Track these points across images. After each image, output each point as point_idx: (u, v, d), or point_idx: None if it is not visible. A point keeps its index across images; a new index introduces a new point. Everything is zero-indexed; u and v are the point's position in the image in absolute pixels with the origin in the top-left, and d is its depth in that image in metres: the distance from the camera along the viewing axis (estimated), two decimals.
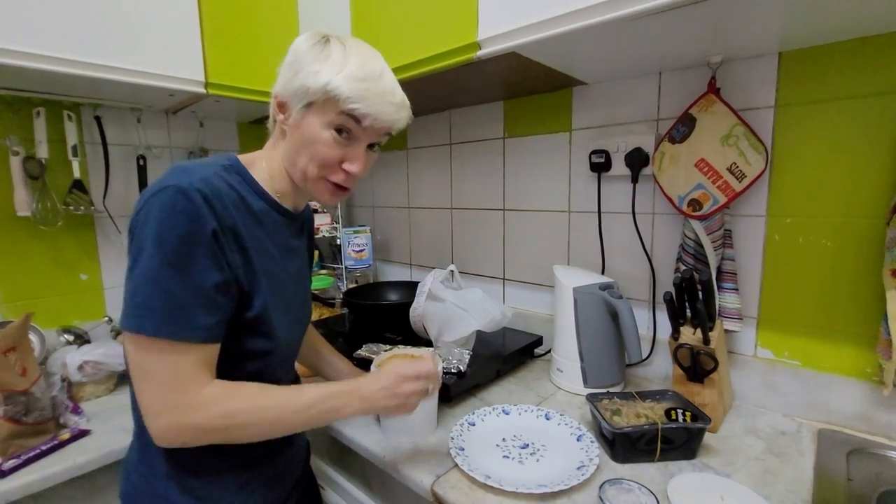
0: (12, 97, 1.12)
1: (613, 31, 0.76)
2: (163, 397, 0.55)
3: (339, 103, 0.61)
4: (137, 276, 0.54)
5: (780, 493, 0.68)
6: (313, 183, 0.67)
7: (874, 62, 0.77)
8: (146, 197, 0.56)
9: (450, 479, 0.72)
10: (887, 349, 0.74)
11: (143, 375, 0.56)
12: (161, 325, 0.54)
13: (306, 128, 0.64)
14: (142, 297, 0.54)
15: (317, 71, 0.61)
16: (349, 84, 0.61)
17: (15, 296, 1.18)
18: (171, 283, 0.54)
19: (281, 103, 0.67)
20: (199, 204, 0.56)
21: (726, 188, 0.87)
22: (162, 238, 0.54)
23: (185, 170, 0.58)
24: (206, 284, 0.56)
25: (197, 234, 0.55)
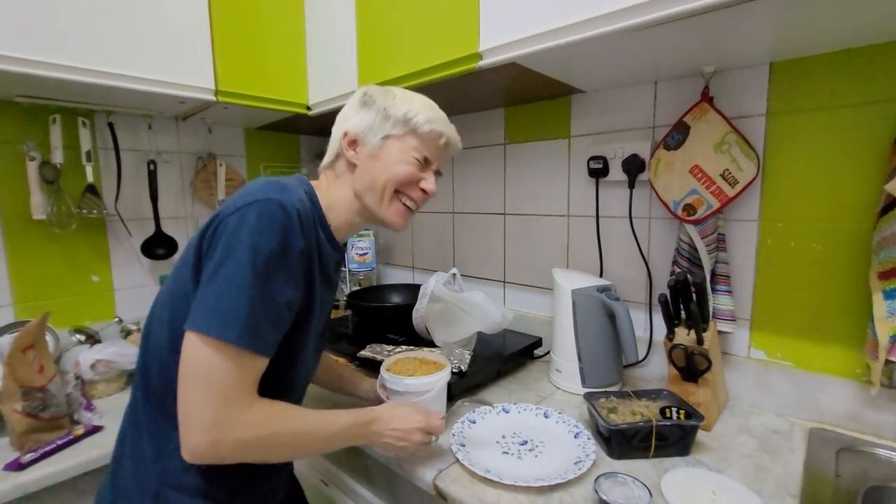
0: (30, 104, 1.16)
1: (610, 43, 0.79)
2: (217, 411, 0.54)
3: (419, 127, 0.71)
4: (225, 282, 0.54)
5: (770, 488, 0.70)
6: (389, 203, 0.73)
7: (860, 73, 0.80)
8: (241, 204, 0.57)
9: (451, 473, 0.75)
10: (874, 349, 0.76)
11: (204, 382, 0.54)
12: (243, 334, 0.54)
13: (386, 155, 0.71)
14: (228, 304, 0.54)
15: (393, 105, 0.71)
16: (424, 111, 0.72)
17: (29, 296, 1.22)
18: (256, 297, 0.55)
19: (353, 140, 0.72)
20: (295, 222, 0.58)
21: (719, 193, 0.90)
22: (257, 247, 0.55)
23: (285, 187, 0.61)
24: (280, 301, 0.57)
25: (287, 250, 0.57)
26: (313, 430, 0.63)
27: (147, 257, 1.40)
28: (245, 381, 0.56)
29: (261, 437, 0.57)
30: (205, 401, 0.54)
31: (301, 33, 1.34)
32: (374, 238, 1.68)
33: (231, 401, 0.55)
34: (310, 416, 0.64)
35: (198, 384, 0.55)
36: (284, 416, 0.61)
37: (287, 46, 1.31)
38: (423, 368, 0.85)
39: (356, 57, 1.19)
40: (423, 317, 1.18)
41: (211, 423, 0.54)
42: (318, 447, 0.66)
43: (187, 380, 0.55)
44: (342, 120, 0.75)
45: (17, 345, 0.87)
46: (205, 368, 0.54)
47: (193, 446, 0.55)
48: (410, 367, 0.85)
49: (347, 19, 1.19)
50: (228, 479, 0.65)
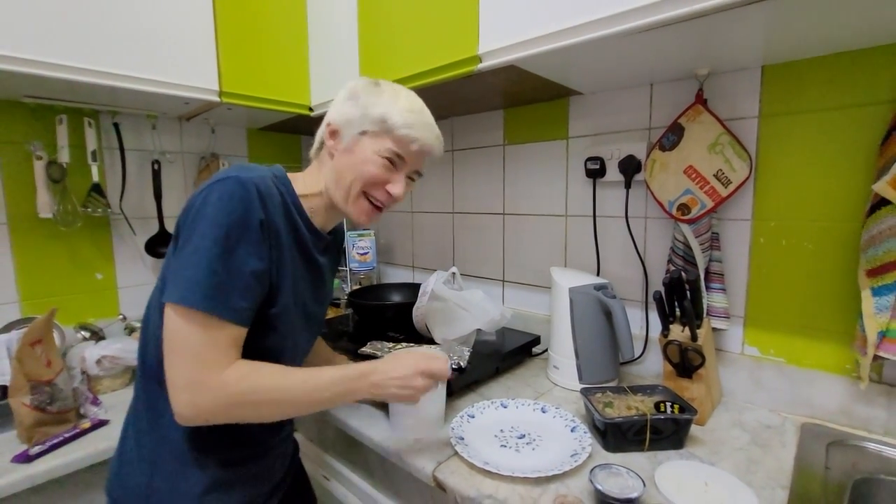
0: (37, 105, 1.18)
1: (607, 47, 0.81)
2: (193, 371, 0.58)
3: (393, 130, 0.71)
4: (189, 252, 0.59)
5: (761, 479, 0.72)
6: (354, 200, 0.74)
7: (849, 76, 0.83)
8: (207, 184, 0.62)
9: (450, 465, 0.77)
10: (863, 345, 0.78)
11: (177, 347, 0.59)
12: (204, 300, 0.57)
13: (359, 150, 0.72)
14: (191, 272, 0.58)
15: (374, 103, 0.71)
16: (402, 115, 0.71)
17: (35, 293, 1.24)
18: (217, 263, 0.58)
19: (334, 130, 0.74)
20: (254, 196, 0.61)
21: (713, 193, 0.92)
22: (216, 220, 0.59)
23: (247, 167, 0.65)
24: (246, 270, 0.61)
25: (247, 222, 0.61)
26: (298, 384, 0.64)
27: (151, 255, 1.42)
28: (217, 345, 0.59)
29: (239, 394, 0.59)
30: (181, 363, 0.58)
31: (304, 36, 1.36)
32: (374, 237, 1.70)
33: (204, 362, 0.58)
34: (292, 372, 0.65)
35: (174, 350, 0.59)
36: (263, 372, 0.63)
37: (290, 49, 1.34)
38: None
39: (358, 59, 1.21)
40: (424, 314, 1.20)
41: (186, 384, 0.58)
42: (308, 402, 0.65)
43: (167, 348, 0.60)
44: (331, 109, 0.76)
45: (26, 340, 0.88)
46: (177, 334, 0.59)
47: (177, 408, 0.59)
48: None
49: (349, 22, 1.21)
50: (222, 450, 0.69)
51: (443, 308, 1.20)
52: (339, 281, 1.70)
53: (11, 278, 1.20)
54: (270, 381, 0.63)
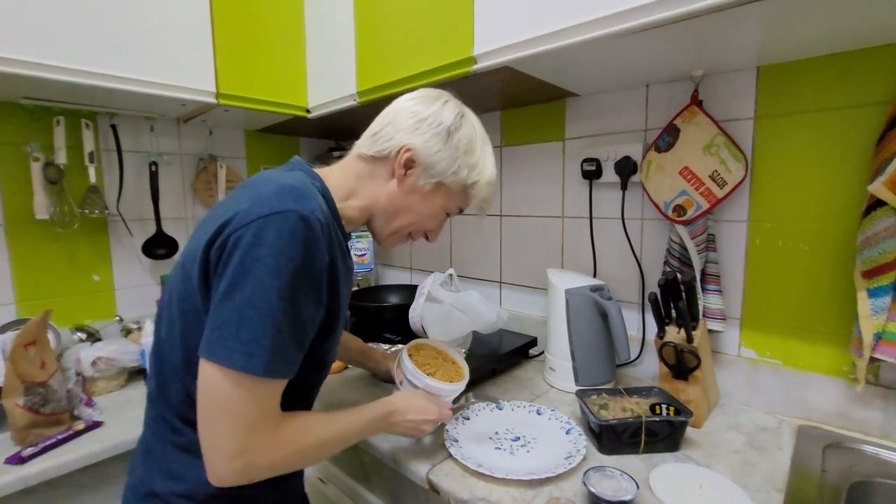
0: (34, 106, 1.18)
1: (602, 48, 0.81)
2: (244, 438, 0.52)
3: (472, 199, 0.72)
4: (242, 305, 0.50)
5: (757, 482, 0.72)
6: (394, 238, 0.73)
7: (844, 77, 0.82)
8: (257, 215, 0.51)
9: (444, 467, 0.76)
10: (859, 347, 0.78)
11: (227, 414, 0.52)
12: (269, 364, 0.51)
13: (429, 202, 0.70)
14: (251, 333, 0.50)
15: (468, 165, 0.70)
16: (486, 189, 0.72)
17: (32, 295, 1.24)
18: (282, 321, 0.51)
19: (411, 160, 0.67)
20: (319, 235, 0.53)
21: (708, 194, 0.92)
22: (279, 268, 0.50)
23: (301, 193, 0.55)
24: (305, 318, 0.54)
25: (313, 268, 0.53)
26: (337, 436, 0.64)
27: (148, 257, 1.42)
28: (270, 405, 0.55)
29: (289, 455, 0.57)
30: (230, 430, 0.52)
31: (301, 37, 1.36)
32: (372, 239, 1.70)
33: (257, 428, 0.53)
34: (333, 424, 0.64)
35: (221, 416, 0.52)
36: (310, 429, 0.60)
37: (287, 50, 1.34)
38: (444, 368, 0.85)
39: (355, 61, 1.21)
40: (420, 316, 1.19)
41: (238, 451, 0.52)
42: (341, 448, 0.66)
43: (209, 411, 0.53)
44: (413, 126, 0.67)
45: (19, 340, 0.88)
46: (228, 401, 0.52)
47: (221, 473, 0.53)
48: (432, 362, 0.86)
49: (346, 24, 1.22)
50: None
51: (439, 310, 1.19)
52: None
53: (8, 280, 1.20)
54: (318, 437, 0.61)
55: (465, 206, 0.75)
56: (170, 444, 0.62)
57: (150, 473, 0.62)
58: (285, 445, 0.56)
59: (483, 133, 0.74)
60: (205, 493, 0.59)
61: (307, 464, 0.64)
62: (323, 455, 0.65)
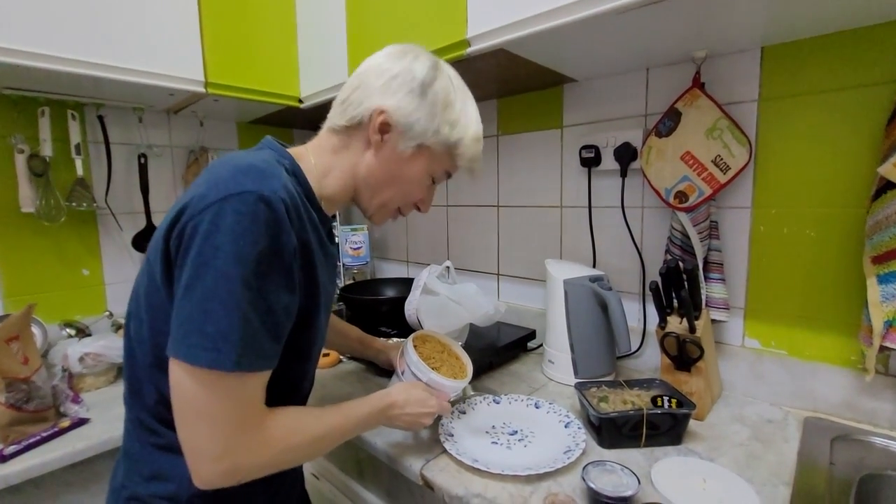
0: (18, 97, 1.15)
1: (598, 27, 0.78)
2: (228, 439, 0.49)
3: (459, 159, 0.66)
4: (204, 298, 0.46)
5: (763, 476, 0.69)
6: (384, 210, 0.68)
7: (852, 55, 0.79)
8: (213, 199, 0.47)
9: (438, 463, 0.74)
10: (868, 336, 0.75)
11: (204, 415, 0.48)
12: (238, 359, 0.47)
13: (411, 168, 0.65)
14: (215, 327, 0.46)
15: (449, 122, 0.64)
16: (473, 146, 0.66)
17: (18, 290, 1.21)
18: (250, 311, 0.47)
19: (386, 124, 0.62)
20: (283, 217, 0.49)
21: (711, 180, 0.89)
22: (241, 255, 0.46)
23: (262, 172, 0.51)
24: (277, 307, 0.50)
25: (279, 252, 0.49)
26: (332, 431, 0.60)
27: (138, 251, 1.39)
28: (251, 402, 0.51)
29: (279, 454, 0.54)
30: (210, 432, 0.49)
31: (292, 24, 1.33)
32: (367, 232, 1.67)
33: (240, 427, 0.50)
34: (327, 419, 0.60)
35: (199, 418, 0.49)
36: (301, 426, 0.57)
37: (278, 38, 1.30)
38: (449, 364, 0.82)
39: (346, 47, 1.18)
40: (416, 308, 1.17)
41: (222, 453, 0.49)
42: (337, 444, 0.63)
43: (186, 414, 0.49)
44: (384, 86, 0.62)
45: (1, 335, 0.85)
46: (203, 401, 0.48)
47: (206, 476, 0.50)
48: (436, 356, 0.82)
49: (338, 10, 1.18)
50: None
51: (435, 302, 1.17)
52: None
53: None
54: (311, 430, 0.58)
55: (453, 168, 0.69)
56: (148, 444, 0.58)
57: (130, 476, 0.59)
58: (274, 444, 0.53)
59: (462, 84, 0.68)
60: (189, 493, 0.56)
61: (300, 461, 0.60)
62: (317, 452, 0.62)
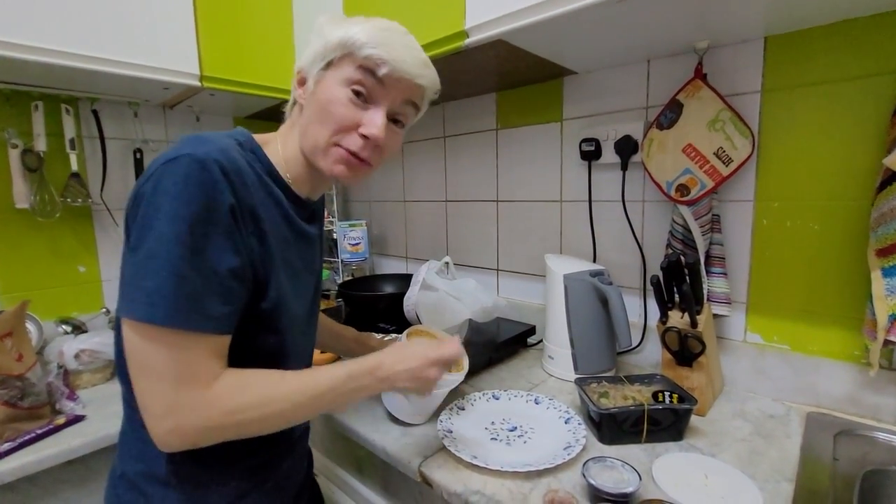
0: (11, 91, 1.13)
1: (598, 17, 0.77)
2: (169, 396, 0.49)
3: (357, 50, 0.57)
4: (145, 257, 0.48)
5: (765, 471, 0.68)
6: (325, 151, 0.60)
7: (858, 45, 0.78)
8: (155, 166, 0.50)
9: (437, 459, 0.73)
10: (873, 329, 0.74)
11: (147, 371, 0.49)
12: (173, 313, 0.48)
13: (322, 90, 0.60)
14: (152, 282, 0.47)
15: (338, 27, 0.59)
16: (369, 32, 0.58)
17: (13, 287, 1.20)
18: (185, 267, 0.48)
19: (301, 78, 0.63)
20: (218, 177, 0.50)
21: (713, 172, 0.88)
22: (175, 214, 0.48)
23: (201, 139, 0.52)
24: (221, 269, 0.50)
25: (214, 211, 0.50)
26: (291, 390, 0.55)
27: None
28: (197, 360, 0.50)
29: (230, 411, 0.51)
30: (153, 388, 0.49)
31: (288, 17, 1.31)
32: (366, 228, 1.66)
33: (184, 381, 0.49)
34: (287, 378, 0.56)
35: (140, 375, 0.50)
36: (254, 381, 0.54)
37: (274, 30, 1.29)
38: None
39: None
40: (415, 304, 1.16)
41: (165, 411, 0.49)
42: (310, 409, 0.57)
43: (132, 371, 0.50)
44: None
45: None
46: (143, 356, 0.49)
47: (157, 437, 0.50)
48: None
49: (334, 1, 1.16)
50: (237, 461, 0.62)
51: (434, 298, 1.16)
52: (331, 272, 1.66)
53: None
54: (265, 390, 0.54)
55: (360, 68, 0.58)
56: (133, 422, 0.59)
57: (121, 455, 0.62)
58: (222, 402, 0.50)
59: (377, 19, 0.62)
60: (164, 470, 0.57)
61: (266, 426, 0.54)
62: (279, 415, 0.54)
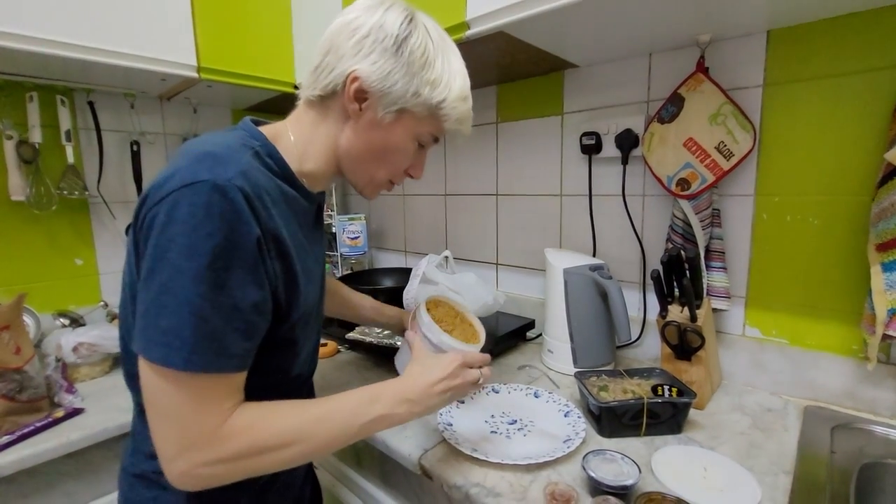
0: (5, 81, 1.12)
1: (601, 8, 0.76)
2: (179, 438, 0.47)
3: (443, 121, 0.60)
4: (159, 292, 0.45)
5: (763, 464, 0.69)
6: (375, 185, 0.64)
7: (861, 39, 0.77)
8: (169, 189, 0.45)
9: (437, 452, 0.73)
10: (871, 324, 0.74)
11: (160, 411, 0.48)
12: (191, 356, 0.45)
13: (394, 135, 0.59)
14: (168, 322, 0.45)
15: (429, 82, 0.57)
16: (459, 105, 0.59)
17: (10, 280, 1.19)
18: (205, 306, 0.45)
19: (362, 91, 0.56)
20: (241, 207, 0.46)
21: (714, 167, 0.87)
22: (194, 248, 0.44)
23: (218, 159, 0.48)
24: (244, 305, 0.47)
25: (238, 245, 0.46)
26: (317, 425, 0.52)
27: None
28: (211, 402, 0.48)
29: (242, 452, 0.48)
30: (165, 431, 0.47)
31: (287, 7, 1.29)
32: (365, 222, 1.65)
33: (192, 424, 0.47)
34: (306, 411, 0.53)
35: (155, 414, 0.48)
36: (272, 419, 0.51)
37: (272, 22, 1.27)
38: (461, 329, 0.79)
39: None
40: (414, 298, 1.16)
41: (175, 454, 0.47)
42: (333, 443, 0.54)
43: (149, 412, 0.48)
44: (356, 46, 0.55)
45: None
46: (157, 396, 0.47)
47: (170, 478, 0.48)
48: (449, 320, 0.79)
49: None
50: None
51: (434, 291, 1.16)
52: (330, 266, 1.66)
53: None
54: (283, 424, 0.51)
55: (440, 131, 0.62)
56: (146, 423, 0.57)
57: (136, 455, 0.61)
58: (232, 441, 0.48)
59: (442, 37, 0.60)
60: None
61: (281, 463, 0.51)
62: (302, 453, 0.52)
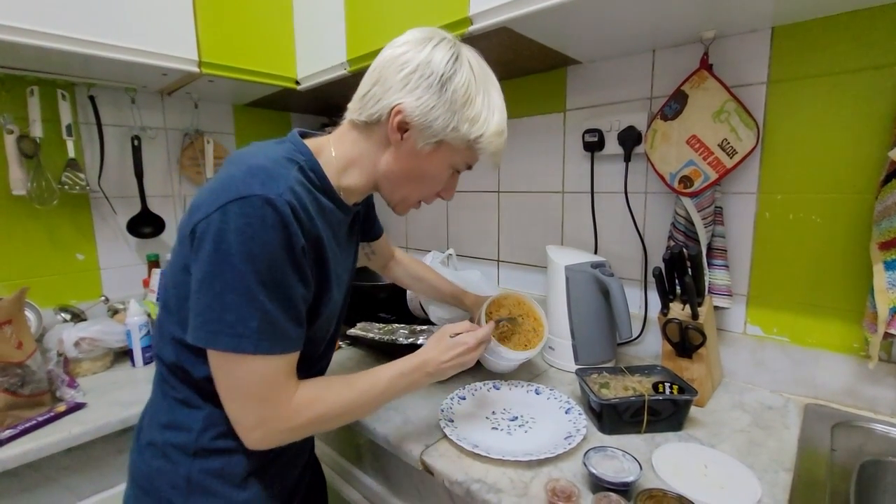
0: (5, 75, 1.12)
1: (602, 4, 0.76)
2: (258, 411, 0.56)
3: (479, 153, 0.66)
4: (223, 292, 0.52)
5: (764, 462, 0.69)
6: (406, 203, 0.71)
7: (866, 36, 0.77)
8: (222, 201, 0.51)
9: (438, 448, 0.74)
10: (873, 322, 0.74)
11: (237, 392, 0.56)
12: (260, 342, 0.53)
13: (431, 164, 0.65)
14: (235, 316, 0.52)
15: (468, 118, 0.62)
16: (495, 140, 0.65)
17: (11, 274, 1.19)
18: (266, 302, 0.53)
19: (404, 123, 0.61)
20: (290, 220, 0.53)
21: (717, 164, 0.87)
22: (252, 254, 0.51)
23: (270, 175, 0.54)
24: (295, 298, 0.56)
25: (287, 252, 0.54)
26: (357, 396, 0.63)
27: (133, 236, 1.37)
28: (277, 380, 0.56)
29: (311, 420, 0.59)
30: (243, 408, 0.57)
31: (288, 2, 1.29)
32: None
33: (268, 401, 0.56)
34: (353, 385, 0.64)
35: (231, 396, 0.56)
36: (327, 395, 0.61)
37: (273, 16, 1.27)
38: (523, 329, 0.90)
39: (345, 27, 1.15)
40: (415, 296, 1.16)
41: (255, 424, 0.57)
42: (372, 407, 0.67)
43: (224, 394, 0.57)
44: (402, 81, 0.60)
45: None
46: (233, 380, 0.55)
47: (248, 443, 0.58)
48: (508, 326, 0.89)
49: None
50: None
51: None
52: None
53: None
54: (338, 397, 0.62)
55: (474, 160, 0.69)
56: (168, 396, 0.64)
57: (151, 424, 0.65)
58: (303, 412, 0.58)
59: (484, 74, 0.65)
60: (196, 446, 0.61)
61: (335, 425, 0.65)
62: (351, 416, 0.65)
